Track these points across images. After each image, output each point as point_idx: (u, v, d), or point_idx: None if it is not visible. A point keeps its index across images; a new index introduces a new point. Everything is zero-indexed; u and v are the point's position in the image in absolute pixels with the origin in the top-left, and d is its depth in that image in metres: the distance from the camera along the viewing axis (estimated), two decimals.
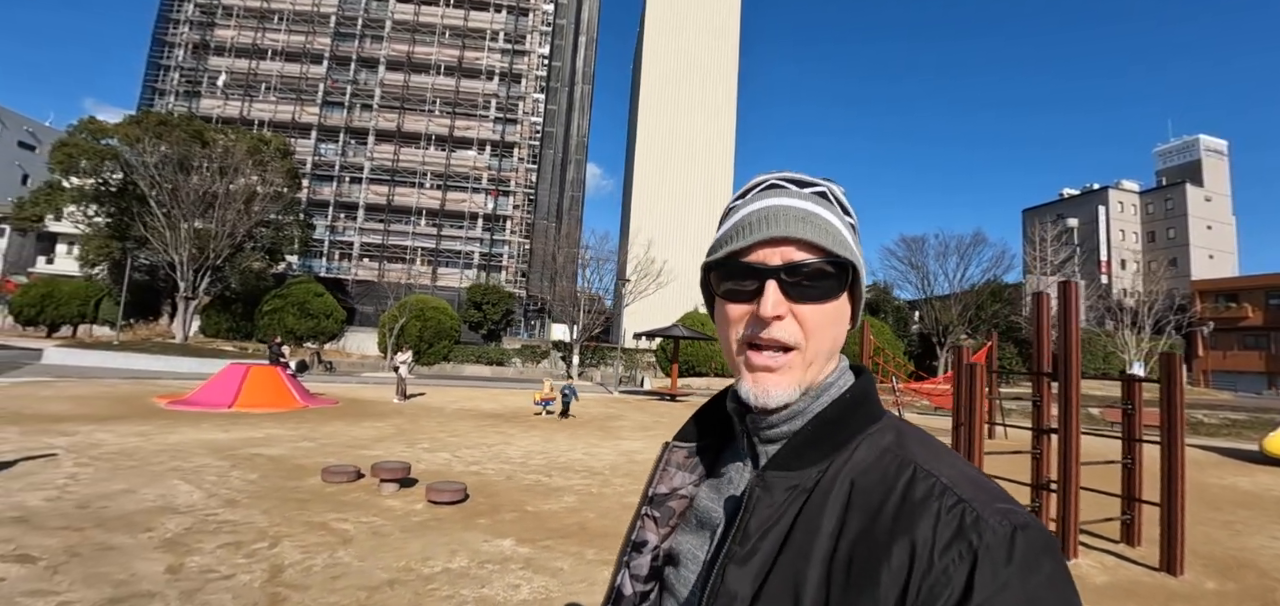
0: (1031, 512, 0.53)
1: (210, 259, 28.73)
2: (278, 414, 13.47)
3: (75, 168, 28.99)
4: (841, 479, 0.62)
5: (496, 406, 17.69)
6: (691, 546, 0.70)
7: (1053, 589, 0.52)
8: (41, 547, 4.84)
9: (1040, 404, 8.48)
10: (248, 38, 48.78)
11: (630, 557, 0.74)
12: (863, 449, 0.64)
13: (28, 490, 6.42)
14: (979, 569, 0.52)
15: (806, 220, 0.65)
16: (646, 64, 57.98)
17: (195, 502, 6.33)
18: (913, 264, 39.36)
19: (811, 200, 0.68)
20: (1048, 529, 0.56)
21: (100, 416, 11.75)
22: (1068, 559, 6.63)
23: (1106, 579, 6.15)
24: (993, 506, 0.56)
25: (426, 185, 48.77)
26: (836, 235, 0.67)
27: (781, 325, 0.65)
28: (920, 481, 0.59)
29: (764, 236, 0.65)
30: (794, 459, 0.65)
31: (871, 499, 0.59)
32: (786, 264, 0.65)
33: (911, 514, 0.56)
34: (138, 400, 14.48)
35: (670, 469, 0.78)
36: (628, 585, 0.73)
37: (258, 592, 4.25)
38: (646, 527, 0.75)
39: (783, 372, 0.65)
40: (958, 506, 0.56)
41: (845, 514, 0.60)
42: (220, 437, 10.10)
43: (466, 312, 38.04)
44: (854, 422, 0.66)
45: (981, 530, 0.54)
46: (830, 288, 0.66)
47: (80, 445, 8.90)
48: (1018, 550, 0.52)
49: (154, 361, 24.36)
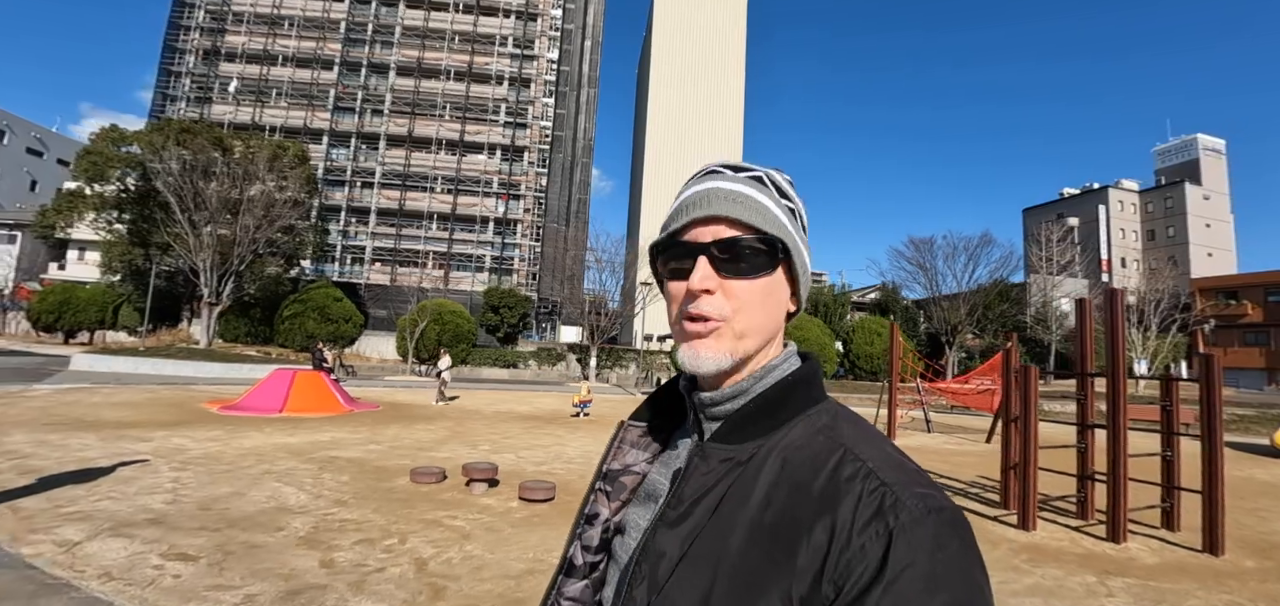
0: (944, 495, 0.61)
1: (234, 264, 29.05)
2: (328, 418, 13.86)
3: (101, 175, 29.30)
4: (775, 454, 0.66)
5: (531, 408, 18.12)
6: (637, 516, 0.75)
7: (958, 565, 0.55)
8: (193, 546, 5.23)
9: (1084, 401, 8.93)
10: (258, 44, 49.15)
11: (583, 530, 0.78)
12: (799, 428, 0.68)
13: (144, 494, 6.80)
14: (893, 546, 0.55)
15: (736, 200, 0.70)
16: (655, 67, 58.49)
17: (305, 503, 6.72)
18: (921, 265, 39.86)
19: (745, 183, 0.72)
20: (960, 511, 0.60)
21: (162, 422, 12.11)
22: (1117, 543, 7.13)
23: (1156, 560, 6.59)
24: (911, 489, 0.59)
25: (438, 189, 49.17)
26: (767, 214, 0.71)
27: (710, 298, 0.69)
28: (848, 462, 0.62)
29: (697, 216, 0.70)
30: (733, 433, 0.70)
31: (800, 474, 0.63)
32: (717, 241, 0.69)
33: (836, 492, 0.60)
34: (187, 405, 14.84)
35: (624, 446, 0.83)
36: (579, 556, 0.77)
37: (415, 582, 4.66)
38: (599, 502, 0.79)
39: (711, 338, 0.69)
40: (879, 488, 0.59)
41: (774, 486, 0.63)
42: (291, 442, 10.48)
43: (484, 316, 38.42)
44: (793, 403, 0.70)
45: (898, 511, 0.57)
46: (760, 264, 0.70)
47: (163, 450, 9.27)
48: (929, 530, 0.56)
49: (182, 367, 24.68)
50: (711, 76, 58.89)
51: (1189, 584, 5.83)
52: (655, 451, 0.81)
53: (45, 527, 5.53)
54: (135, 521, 5.80)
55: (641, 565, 0.66)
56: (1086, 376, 8.94)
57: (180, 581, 4.47)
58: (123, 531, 5.48)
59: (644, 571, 0.65)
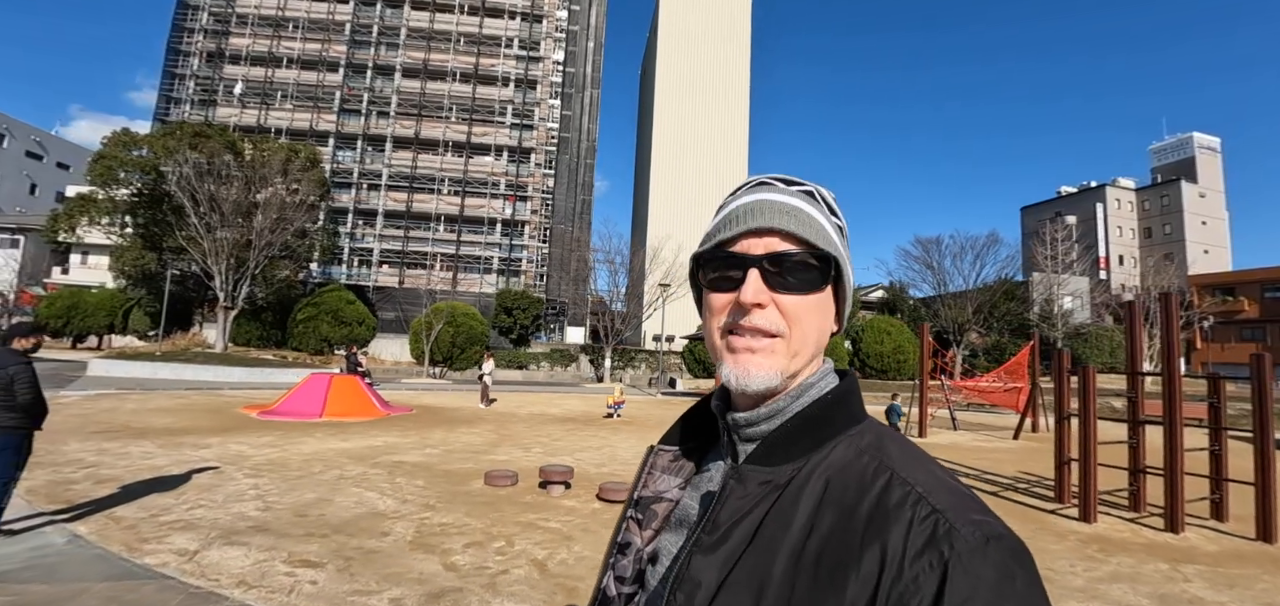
0: (1001, 521, 0.58)
1: (250, 267, 29.03)
2: (369, 422, 13.95)
3: (114, 179, 29.21)
4: (816, 476, 0.63)
5: (562, 410, 18.26)
6: (670, 544, 0.71)
7: (1021, 598, 0.52)
8: (311, 553, 5.34)
9: (1135, 399, 9.14)
10: (263, 46, 48.97)
11: (615, 560, 0.75)
12: (841, 449, 0.65)
13: (233, 501, 6.89)
14: (949, 578, 0.52)
15: (791, 214, 0.68)
16: (661, 72, 58.72)
17: (395, 508, 6.84)
18: (928, 264, 40.24)
19: (798, 197, 0.70)
20: (1020, 540, 0.57)
21: (209, 428, 12.17)
22: (1176, 533, 7.37)
23: (1216, 548, 6.90)
24: (966, 516, 0.56)
25: (445, 191, 49.16)
26: (820, 230, 0.69)
27: (763, 313, 0.66)
28: (896, 487, 0.59)
29: (748, 227, 0.68)
30: (771, 454, 0.66)
31: (846, 499, 0.60)
32: (769, 254, 0.67)
33: (884, 519, 0.57)
34: (225, 411, 14.90)
35: (655, 472, 0.80)
36: (612, 587, 0.74)
37: (545, 582, 4.80)
38: (631, 530, 0.76)
39: (764, 355, 0.67)
40: (931, 515, 0.56)
41: (817, 511, 0.60)
42: (346, 446, 10.58)
43: (496, 318, 38.50)
44: (835, 422, 0.67)
45: (954, 540, 0.54)
46: (812, 280, 0.68)
47: (227, 457, 9.35)
48: (989, 560, 0.53)
49: (201, 371, 24.66)
50: (717, 80, 59.20)
51: (1253, 569, 6.14)
52: (688, 476, 0.77)
53: (154, 537, 5.62)
54: (240, 529, 5.90)
55: (676, 594, 0.62)
56: (1137, 376, 9.14)
57: (319, 587, 4.59)
58: (234, 540, 5.58)
59: (679, 601, 0.61)
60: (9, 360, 5.45)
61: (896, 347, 36.71)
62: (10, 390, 5.34)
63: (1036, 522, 7.81)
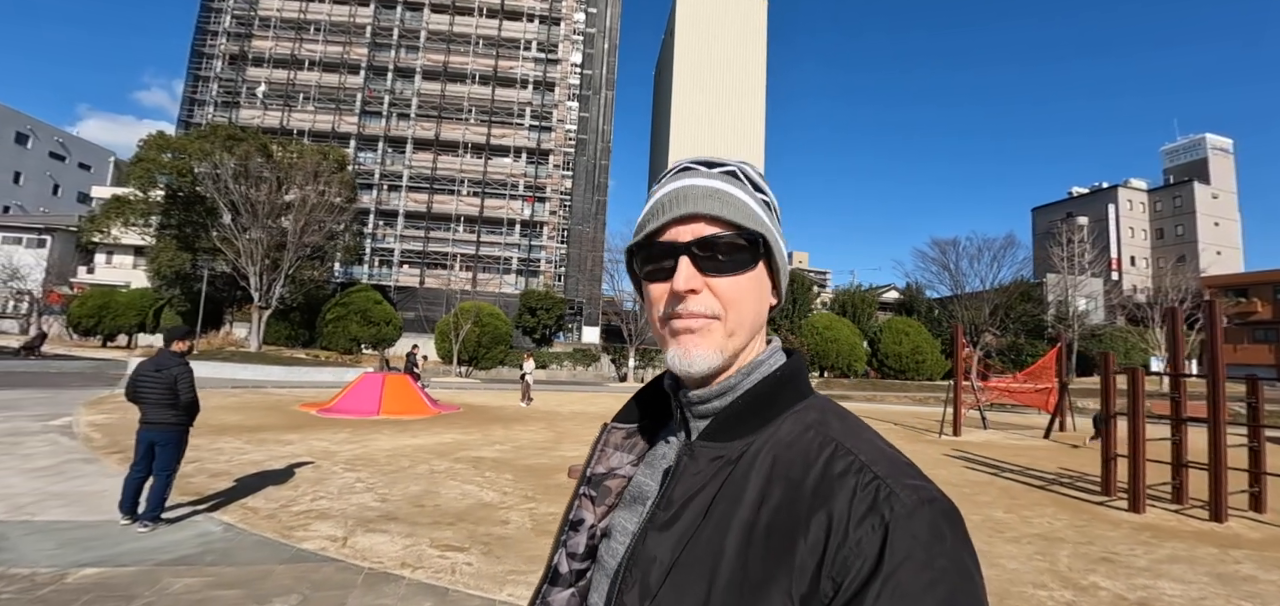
0: (935, 486, 0.61)
1: (285, 268, 29.66)
2: (424, 420, 14.50)
3: (153, 181, 29.87)
4: (765, 452, 0.65)
5: (599, 409, 18.81)
6: (624, 521, 0.73)
7: (954, 556, 0.55)
8: (451, 539, 5.84)
9: (1178, 400, 9.61)
10: (286, 48, 49.72)
11: (567, 536, 0.77)
12: (788, 424, 0.67)
13: (348, 493, 7.39)
14: (889, 539, 0.55)
15: (714, 197, 0.69)
16: (678, 73, 59.29)
17: (501, 500, 7.35)
18: (945, 266, 40.65)
19: (721, 179, 0.71)
20: (952, 502, 0.60)
21: (279, 425, 12.71)
22: (1220, 522, 7.86)
23: (1259, 535, 7.44)
24: (904, 482, 0.59)
25: (464, 192, 49.80)
26: (745, 210, 0.70)
27: (697, 298, 0.68)
28: (840, 458, 0.62)
29: (675, 215, 0.69)
30: (722, 431, 0.68)
31: (793, 472, 0.62)
32: (697, 239, 0.68)
33: (830, 488, 0.59)
34: (284, 408, 15.46)
35: (608, 449, 0.81)
36: (564, 563, 0.75)
37: None
38: (583, 507, 0.77)
39: (702, 335, 0.68)
40: (873, 482, 0.59)
41: (767, 485, 0.62)
42: (422, 443, 11.12)
43: (521, 318, 39.06)
44: (782, 399, 0.70)
45: (893, 503, 0.57)
46: (743, 260, 0.69)
47: (314, 453, 9.87)
48: (924, 520, 0.56)
49: (240, 370, 25.28)
50: (734, 81, 59.68)
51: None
52: (640, 453, 0.80)
53: (297, 525, 6.11)
54: (370, 518, 6.41)
55: (632, 570, 0.64)
56: (1180, 377, 9.58)
57: (475, 568, 5.10)
58: (372, 527, 6.09)
59: (635, 577, 0.63)
60: (171, 361, 5.90)
61: (915, 348, 37.10)
62: (174, 389, 5.79)
63: (1089, 513, 8.28)
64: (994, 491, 9.45)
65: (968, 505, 8.33)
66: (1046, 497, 9.22)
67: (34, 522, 5.79)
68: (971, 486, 9.75)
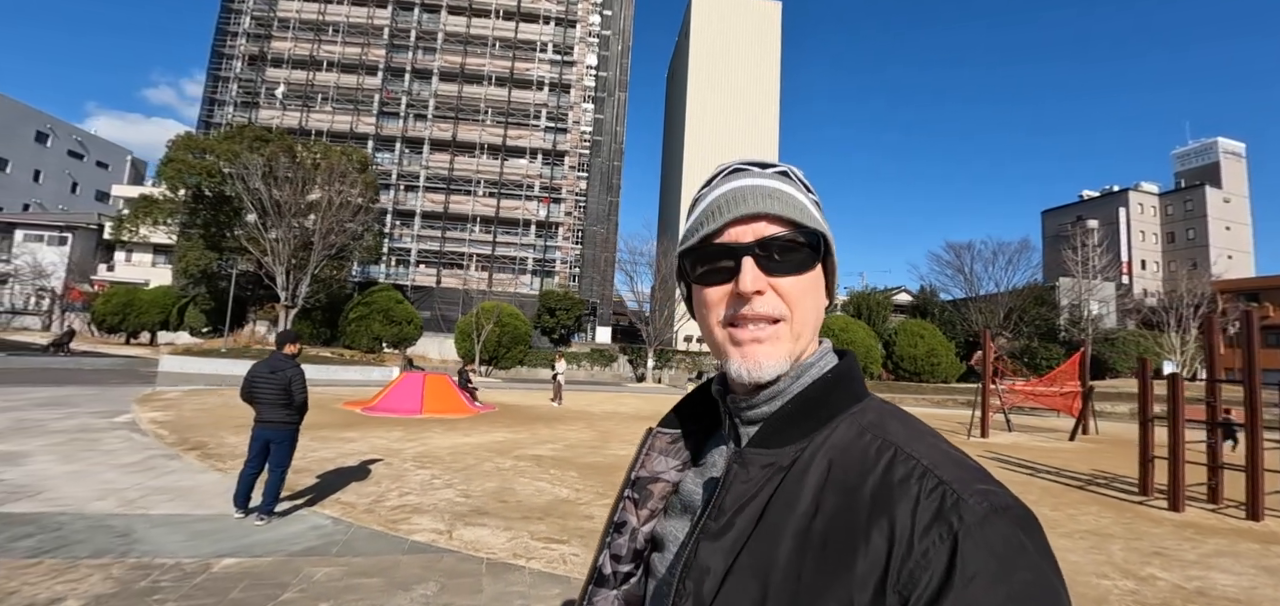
0: (1008, 491, 0.57)
1: (311, 267, 30.15)
2: (472, 418, 14.91)
3: (185, 182, 30.42)
4: (820, 457, 0.63)
5: (630, 409, 19.19)
6: (675, 530, 0.72)
7: (1033, 567, 0.52)
8: (547, 531, 6.19)
9: (1213, 404, 9.94)
10: (304, 50, 50.30)
11: (612, 538, 0.76)
12: (842, 428, 0.65)
13: (431, 489, 7.73)
14: (960, 550, 0.51)
15: (774, 196, 0.68)
16: (693, 75, 59.72)
17: (574, 495, 7.72)
18: (959, 269, 40.99)
19: (775, 179, 0.71)
20: (1028, 508, 0.55)
21: (330, 424, 13.03)
22: (1258, 521, 8.19)
23: None
24: (973, 487, 0.56)
25: (481, 193, 50.33)
26: (804, 209, 0.69)
27: (763, 300, 0.67)
28: (900, 463, 0.59)
29: (735, 215, 0.67)
30: (773, 437, 0.66)
31: (850, 478, 0.60)
32: (760, 239, 0.67)
33: (890, 495, 0.57)
34: (329, 407, 15.83)
35: (653, 454, 0.80)
36: (608, 565, 0.75)
37: None
38: (627, 510, 0.77)
39: (771, 343, 0.67)
40: (938, 488, 0.55)
41: (821, 492, 0.60)
42: (477, 441, 11.50)
43: (540, 318, 39.52)
44: (835, 402, 0.67)
45: (962, 511, 0.53)
46: (804, 260, 0.68)
47: (379, 450, 10.25)
48: (998, 530, 0.52)
49: None
50: (748, 83, 60.06)
51: None
52: (685, 459, 0.79)
53: (398, 519, 6.43)
54: (462, 512, 6.77)
55: (686, 582, 0.62)
56: (1216, 383, 9.90)
57: (582, 559, 5.45)
58: (470, 521, 6.44)
59: (688, 588, 0.62)
60: (285, 364, 6.24)
61: (930, 350, 37.38)
62: (288, 390, 6.12)
63: (1131, 512, 8.62)
64: (1036, 491, 9.79)
65: None
66: (1087, 497, 9.56)
67: (152, 516, 6.08)
68: (1014, 485, 9.99)
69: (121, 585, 4.35)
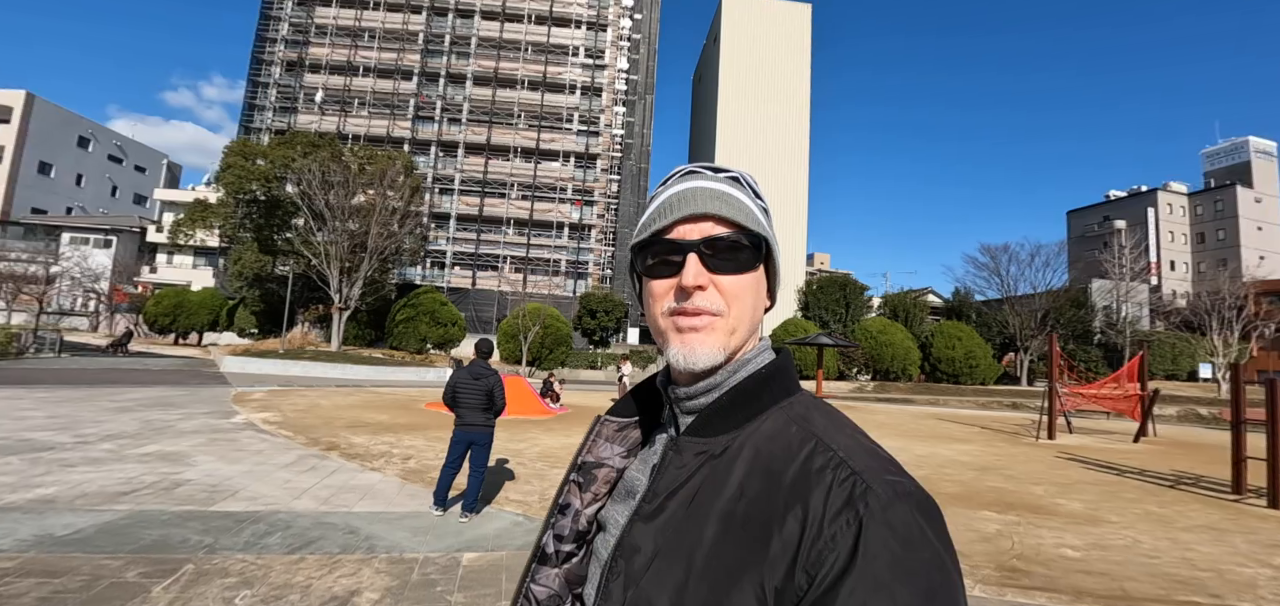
0: (913, 480, 0.60)
1: (364, 270, 30.89)
2: (556, 418, 15.45)
3: (243, 187, 31.33)
4: (748, 446, 0.67)
5: None
6: (616, 513, 0.75)
7: (929, 550, 0.55)
8: None
9: None
10: (341, 55, 51.31)
11: (556, 520, 0.80)
12: (772, 419, 0.69)
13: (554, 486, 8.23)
14: (863, 534, 0.55)
15: (722, 199, 0.73)
16: (723, 80, 60.00)
17: None
18: (996, 271, 41.13)
19: (725, 183, 0.75)
20: (929, 495, 0.60)
21: (430, 424, 13.57)
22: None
23: None
24: (881, 476, 0.59)
25: (514, 196, 51.08)
26: (749, 213, 0.73)
27: (704, 294, 0.71)
28: (820, 453, 0.62)
29: (684, 214, 0.72)
30: (707, 426, 0.70)
31: (773, 464, 0.63)
32: (705, 238, 0.71)
33: (807, 482, 0.60)
34: (412, 407, 16.42)
35: (599, 441, 0.84)
36: (551, 544, 0.79)
37: None
38: (572, 493, 0.80)
39: (706, 332, 0.71)
40: (850, 477, 0.59)
41: (747, 477, 0.64)
42: (570, 442, 11.98)
43: (581, 320, 40.10)
44: (767, 396, 0.71)
45: (868, 498, 0.57)
46: (746, 260, 0.73)
47: (499, 451, 10.64)
48: (900, 514, 0.56)
49: (330, 369, 26.42)
50: (778, 90, 60.34)
51: None
52: (631, 446, 0.83)
53: None
54: None
55: (619, 560, 0.67)
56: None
57: None
58: None
59: (620, 566, 0.67)
60: (486, 371, 6.62)
61: (968, 353, 37.49)
62: (490, 395, 6.43)
63: (1233, 510, 8.91)
64: (1133, 490, 10.05)
65: (1118, 501, 8.99)
66: (1183, 496, 9.82)
67: (360, 513, 6.35)
68: (1109, 485, 10.38)
69: (398, 578, 4.67)
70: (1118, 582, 5.57)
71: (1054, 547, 6.45)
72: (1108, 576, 5.71)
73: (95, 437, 9.54)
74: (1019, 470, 11.40)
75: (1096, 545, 6.66)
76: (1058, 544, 6.60)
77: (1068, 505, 8.58)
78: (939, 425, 19.75)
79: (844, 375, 37.29)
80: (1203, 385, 39.72)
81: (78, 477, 7.10)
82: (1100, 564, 6.04)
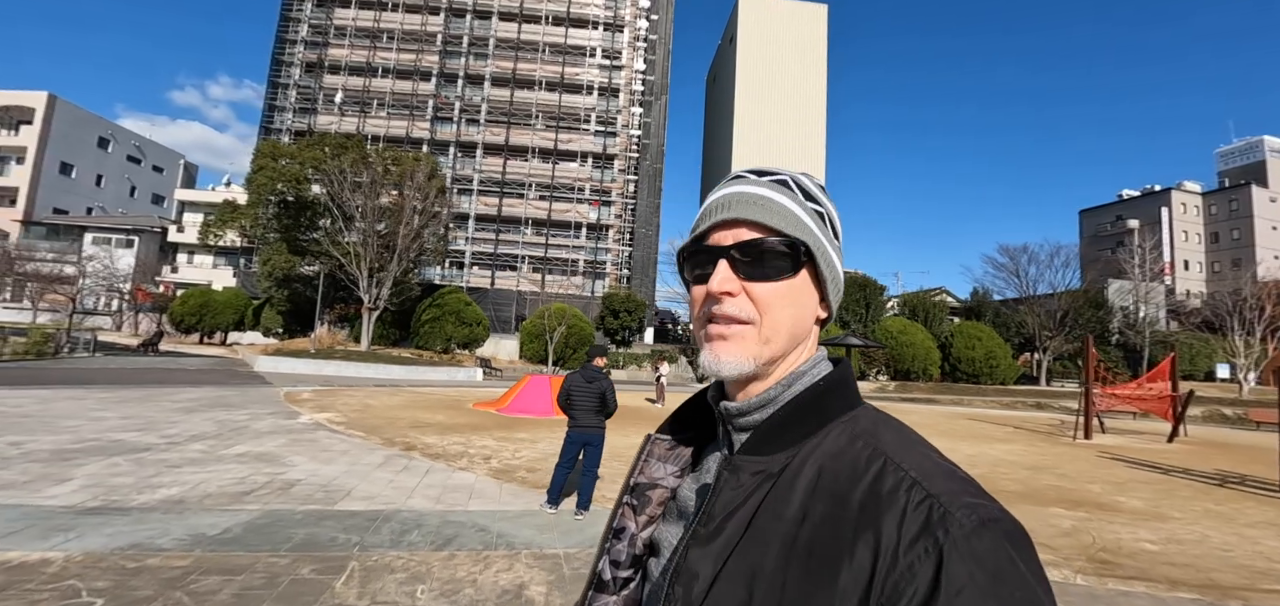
0: (998, 504, 0.55)
1: (393, 271, 31.32)
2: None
3: (273, 190, 31.80)
4: (810, 464, 0.63)
5: None
6: (670, 535, 0.73)
7: (1020, 583, 0.50)
8: None
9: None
10: (361, 57, 51.81)
11: (611, 545, 0.77)
12: (834, 436, 0.65)
13: None
14: (945, 564, 0.50)
15: (758, 203, 0.70)
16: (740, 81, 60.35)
17: None
18: (1014, 272, 41.38)
19: (768, 187, 0.72)
20: (1017, 521, 0.54)
21: (478, 425, 13.79)
22: None
23: None
24: (961, 500, 0.55)
25: (532, 196, 51.52)
26: (789, 217, 0.70)
27: (733, 301, 0.68)
28: (889, 473, 0.58)
29: (718, 220, 0.71)
30: (763, 444, 0.66)
31: (839, 486, 0.59)
32: (737, 244, 0.69)
33: (877, 506, 0.56)
34: (460, 406, 16.78)
35: (651, 460, 0.81)
36: (607, 571, 0.76)
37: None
38: (626, 516, 0.77)
39: (734, 341, 0.68)
40: (925, 501, 0.55)
41: (810, 500, 0.60)
42: (636, 440, 12.31)
43: (604, 319, 40.47)
44: (827, 409, 0.67)
45: (948, 524, 0.52)
46: (782, 267, 0.69)
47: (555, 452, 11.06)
48: (985, 543, 0.51)
49: (364, 369, 26.82)
50: (794, 88, 60.57)
51: None
52: (683, 465, 0.80)
53: None
54: None
55: (675, 586, 0.63)
56: None
57: None
58: None
59: (677, 593, 0.62)
60: (597, 374, 6.81)
61: (988, 353, 37.70)
62: (603, 398, 6.64)
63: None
64: (1186, 490, 10.27)
65: (1175, 499, 9.27)
66: (1234, 494, 10.05)
67: (478, 512, 6.55)
68: (1160, 483, 10.64)
69: (552, 572, 4.89)
70: (1203, 573, 5.88)
71: (1132, 541, 6.76)
72: (1192, 568, 6.01)
73: (182, 438, 9.80)
74: (1068, 468, 11.69)
75: (1170, 540, 6.96)
76: (1135, 538, 6.91)
77: (1128, 502, 8.87)
78: (974, 425, 20.02)
79: (864, 375, 37.54)
80: (1222, 385, 39.80)
81: (191, 477, 7.32)
82: (1180, 557, 6.35)
